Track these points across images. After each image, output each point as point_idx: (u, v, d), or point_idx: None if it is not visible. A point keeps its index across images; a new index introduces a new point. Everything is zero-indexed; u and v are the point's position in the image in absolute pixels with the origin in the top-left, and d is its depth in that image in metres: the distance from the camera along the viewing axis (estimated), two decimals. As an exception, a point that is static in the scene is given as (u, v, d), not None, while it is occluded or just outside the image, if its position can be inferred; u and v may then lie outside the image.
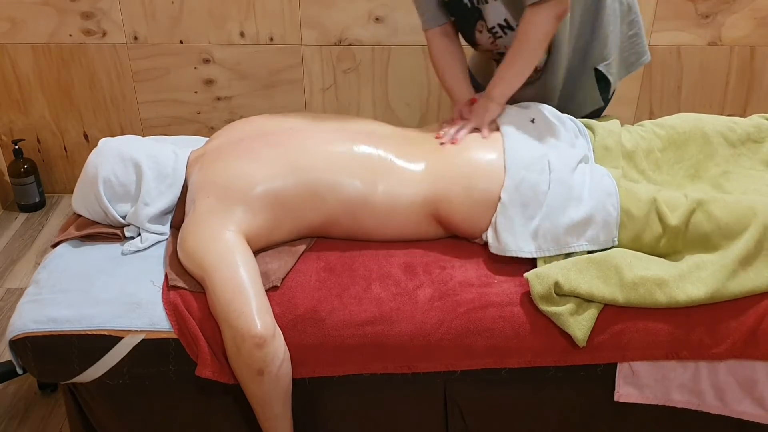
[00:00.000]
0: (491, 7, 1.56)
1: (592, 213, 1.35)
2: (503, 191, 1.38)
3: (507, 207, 1.37)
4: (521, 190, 1.37)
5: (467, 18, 1.62)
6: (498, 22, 1.58)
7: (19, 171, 2.60)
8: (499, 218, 1.38)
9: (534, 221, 1.36)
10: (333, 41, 2.52)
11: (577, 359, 1.32)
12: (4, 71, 2.55)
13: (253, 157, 1.39)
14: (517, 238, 1.36)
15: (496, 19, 1.58)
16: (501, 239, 1.37)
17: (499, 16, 1.57)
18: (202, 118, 2.67)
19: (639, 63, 1.74)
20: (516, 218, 1.36)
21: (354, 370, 1.34)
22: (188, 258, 1.32)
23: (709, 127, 1.58)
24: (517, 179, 1.38)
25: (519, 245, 1.36)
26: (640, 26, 1.70)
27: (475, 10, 1.59)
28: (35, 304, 1.33)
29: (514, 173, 1.38)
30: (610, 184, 1.38)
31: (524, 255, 1.35)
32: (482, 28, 1.62)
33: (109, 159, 1.43)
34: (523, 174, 1.38)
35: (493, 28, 1.60)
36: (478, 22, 1.62)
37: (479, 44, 1.68)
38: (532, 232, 1.36)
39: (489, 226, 1.40)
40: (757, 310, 1.29)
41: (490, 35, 1.62)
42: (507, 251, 1.36)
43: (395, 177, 1.41)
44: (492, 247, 1.38)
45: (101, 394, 1.38)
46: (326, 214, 1.40)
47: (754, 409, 1.34)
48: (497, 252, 1.38)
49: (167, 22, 2.48)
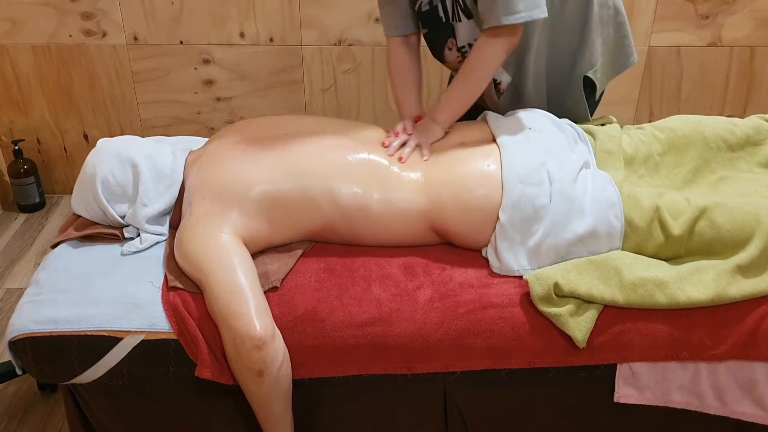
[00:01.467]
0: (464, 26, 1.55)
1: (595, 227, 1.34)
2: (501, 211, 1.35)
3: (506, 228, 1.35)
4: (520, 207, 1.35)
5: (440, 33, 1.61)
6: (468, 41, 1.57)
7: (19, 171, 2.60)
8: (498, 240, 1.36)
9: (535, 237, 1.35)
10: (333, 42, 2.52)
11: (576, 360, 1.32)
12: (4, 71, 2.55)
13: (251, 160, 1.39)
14: (518, 258, 1.35)
15: (466, 38, 1.56)
16: (503, 261, 1.36)
17: (470, 35, 1.56)
18: (202, 119, 2.67)
19: (627, 65, 1.72)
20: (516, 237, 1.35)
21: (354, 370, 1.34)
22: (185, 260, 1.32)
23: (708, 130, 1.57)
24: (514, 196, 1.35)
25: (521, 264, 1.35)
26: (627, 28, 1.68)
27: (448, 25, 1.58)
28: (35, 304, 1.33)
29: (511, 189, 1.36)
30: (612, 193, 1.37)
31: (527, 274, 1.33)
32: (452, 45, 1.61)
33: (107, 159, 1.43)
34: (521, 189, 1.35)
35: (463, 47, 1.59)
36: (449, 39, 1.60)
37: (447, 61, 1.67)
38: (534, 248, 1.35)
39: (488, 243, 1.40)
40: (756, 311, 1.29)
41: (459, 54, 1.61)
42: (510, 272, 1.36)
43: (392, 186, 1.40)
44: (494, 268, 1.38)
45: (101, 394, 1.38)
46: (323, 220, 1.40)
47: (754, 409, 1.34)
48: (499, 272, 1.37)
49: (167, 22, 2.49)
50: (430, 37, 1.65)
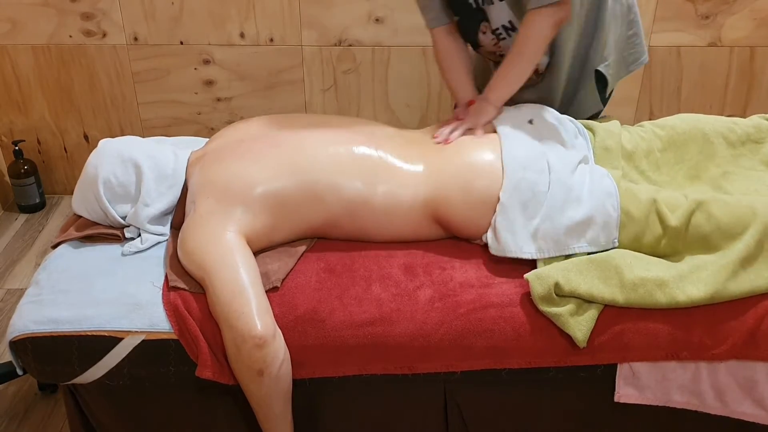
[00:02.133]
0: (496, 8, 1.56)
1: (592, 214, 1.35)
2: (502, 192, 1.38)
3: (506, 207, 1.37)
4: (520, 190, 1.37)
5: (471, 18, 1.62)
6: (502, 23, 1.58)
7: (20, 172, 2.60)
8: (498, 218, 1.37)
9: (534, 221, 1.36)
10: (333, 42, 2.53)
11: (577, 360, 1.32)
12: (5, 72, 2.55)
13: (253, 158, 1.39)
14: (517, 239, 1.36)
15: (500, 20, 1.58)
16: (501, 240, 1.37)
17: (503, 17, 1.57)
18: (202, 119, 2.67)
19: (638, 63, 1.74)
20: (516, 218, 1.36)
21: (354, 370, 1.34)
22: (188, 259, 1.32)
23: (709, 128, 1.58)
24: (515, 179, 1.38)
25: (519, 246, 1.36)
26: (639, 26, 1.70)
27: (479, 10, 1.59)
28: (35, 304, 1.33)
29: (512, 173, 1.38)
30: (610, 185, 1.38)
31: (524, 256, 1.35)
32: (486, 29, 1.62)
33: (109, 160, 1.43)
34: (522, 174, 1.38)
35: (497, 30, 1.60)
36: (482, 23, 1.61)
37: (482, 45, 1.68)
38: (532, 232, 1.36)
39: (489, 228, 1.40)
40: (757, 310, 1.29)
41: (494, 37, 1.62)
42: (507, 252, 1.36)
43: (395, 178, 1.41)
44: (492, 248, 1.38)
45: (101, 394, 1.38)
46: (326, 215, 1.40)
47: (754, 409, 1.34)
48: (497, 253, 1.37)
49: (167, 22, 2.49)
50: (462, 24, 1.66)
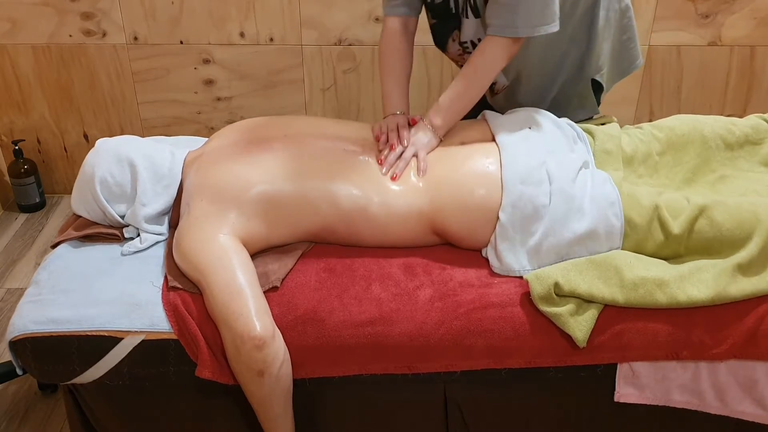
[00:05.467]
0: (470, 23, 1.54)
1: (594, 226, 1.34)
2: (501, 211, 1.35)
3: (506, 228, 1.35)
4: (519, 207, 1.35)
5: (447, 23, 1.61)
6: (471, 38, 1.57)
7: (19, 171, 2.60)
8: (499, 240, 1.36)
9: (535, 237, 1.34)
10: (333, 41, 2.52)
11: (577, 360, 1.32)
12: (4, 71, 2.55)
13: (249, 161, 1.39)
14: (519, 257, 1.35)
15: (470, 35, 1.56)
16: (503, 261, 1.36)
17: (474, 33, 1.55)
18: (202, 119, 2.67)
19: (632, 68, 1.72)
20: (515, 237, 1.35)
21: (354, 370, 1.34)
22: (184, 261, 1.32)
23: (707, 129, 1.57)
24: (514, 196, 1.35)
25: (522, 264, 1.35)
26: (634, 30, 1.68)
27: (457, 17, 1.58)
28: (35, 304, 1.33)
29: (510, 189, 1.35)
30: (611, 192, 1.37)
31: (527, 275, 1.33)
32: (456, 37, 1.61)
33: (106, 159, 1.43)
34: (521, 189, 1.35)
35: (465, 43, 1.59)
36: (454, 31, 1.60)
37: (448, 52, 1.66)
38: (535, 248, 1.35)
39: (488, 243, 1.39)
40: (757, 310, 1.29)
41: (460, 48, 1.61)
42: (510, 272, 1.36)
43: (391, 188, 1.39)
44: (495, 268, 1.37)
45: (101, 394, 1.38)
46: (322, 222, 1.39)
47: (755, 409, 1.34)
48: (500, 273, 1.37)
49: (167, 22, 2.48)
50: (437, 27, 1.65)
